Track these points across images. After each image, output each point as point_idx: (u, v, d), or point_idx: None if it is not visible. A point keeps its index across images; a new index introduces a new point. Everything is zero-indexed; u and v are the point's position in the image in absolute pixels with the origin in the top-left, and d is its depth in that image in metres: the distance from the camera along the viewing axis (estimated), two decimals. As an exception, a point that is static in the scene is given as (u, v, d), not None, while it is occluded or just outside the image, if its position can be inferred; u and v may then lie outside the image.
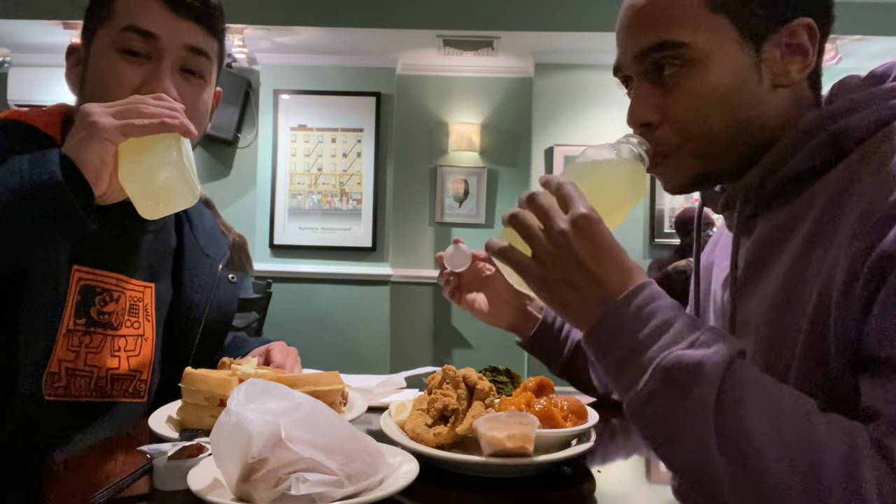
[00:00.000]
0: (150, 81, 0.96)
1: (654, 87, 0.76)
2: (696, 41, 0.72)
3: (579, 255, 0.66)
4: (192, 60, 1.00)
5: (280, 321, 4.12)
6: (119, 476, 0.69)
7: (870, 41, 3.83)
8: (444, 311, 4.75)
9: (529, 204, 0.70)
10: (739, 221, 0.78)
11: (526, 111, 4.57)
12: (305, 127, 4.58)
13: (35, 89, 4.47)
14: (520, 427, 0.76)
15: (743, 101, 0.73)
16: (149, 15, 0.96)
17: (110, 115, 0.83)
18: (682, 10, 0.73)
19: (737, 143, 0.75)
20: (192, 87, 1.01)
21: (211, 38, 1.03)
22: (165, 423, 0.90)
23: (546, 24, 3.91)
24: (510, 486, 0.77)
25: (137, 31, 0.96)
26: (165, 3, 0.97)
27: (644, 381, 0.60)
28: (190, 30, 0.99)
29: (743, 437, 0.56)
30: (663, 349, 0.60)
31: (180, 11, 0.98)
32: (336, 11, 3.98)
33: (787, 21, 0.72)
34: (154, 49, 0.96)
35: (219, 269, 1.18)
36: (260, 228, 4.53)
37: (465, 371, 0.88)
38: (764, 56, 0.73)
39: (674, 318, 0.63)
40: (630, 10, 0.77)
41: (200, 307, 1.13)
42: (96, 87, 0.98)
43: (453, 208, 4.75)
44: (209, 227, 1.22)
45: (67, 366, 0.95)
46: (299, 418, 0.64)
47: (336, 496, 0.61)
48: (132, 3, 0.97)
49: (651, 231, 4.41)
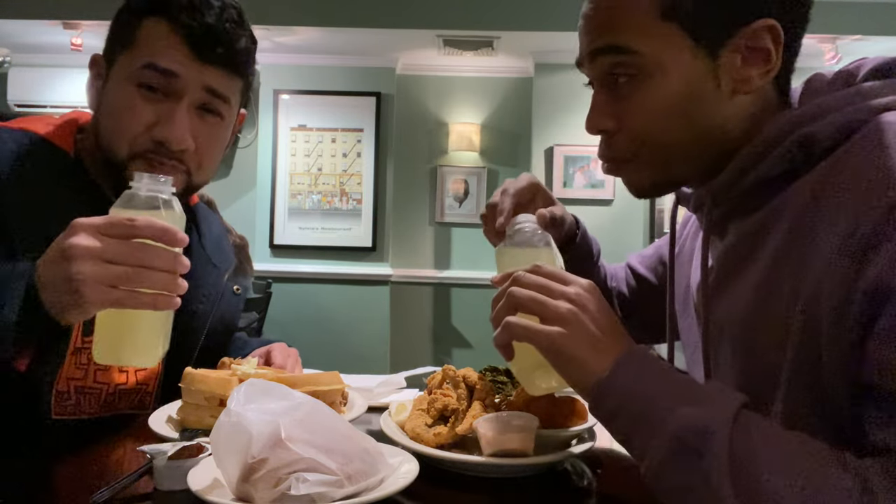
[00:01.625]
0: (165, 123, 0.93)
1: (610, 95, 0.76)
2: (647, 50, 0.71)
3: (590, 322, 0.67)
4: (212, 102, 0.97)
5: (280, 321, 4.11)
6: (119, 476, 0.69)
7: (870, 41, 3.82)
8: (444, 311, 4.75)
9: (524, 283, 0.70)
10: (709, 223, 0.77)
11: (526, 111, 4.57)
12: (305, 127, 4.58)
13: (35, 89, 4.47)
14: (520, 427, 0.76)
15: (699, 109, 0.72)
16: (170, 53, 0.93)
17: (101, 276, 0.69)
18: (632, 17, 0.71)
19: (695, 151, 0.74)
20: (208, 127, 0.98)
21: (235, 79, 1.00)
22: (165, 423, 0.90)
23: (546, 24, 3.91)
24: (510, 486, 0.77)
25: (156, 68, 0.92)
26: (189, 44, 0.93)
27: (655, 448, 0.60)
28: (212, 73, 0.95)
29: (761, 496, 0.54)
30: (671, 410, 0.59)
31: (204, 56, 0.94)
32: (336, 11, 3.98)
33: (745, 24, 0.69)
34: (172, 88, 0.94)
35: (224, 280, 1.17)
36: (260, 228, 4.53)
37: (465, 371, 0.88)
38: (721, 62, 0.70)
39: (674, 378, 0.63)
40: (587, 8, 0.77)
41: (203, 318, 1.11)
42: (112, 115, 0.96)
43: (453, 208, 4.75)
44: (216, 235, 1.21)
45: (76, 384, 0.95)
46: (299, 418, 0.64)
47: (336, 496, 0.61)
48: (155, 36, 0.93)
49: (651, 231, 4.41)
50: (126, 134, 0.93)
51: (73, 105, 4.42)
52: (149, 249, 0.71)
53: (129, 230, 0.70)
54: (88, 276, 0.68)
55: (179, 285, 0.74)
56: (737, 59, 0.70)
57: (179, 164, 0.96)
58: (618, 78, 0.74)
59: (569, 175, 4.40)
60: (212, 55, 0.94)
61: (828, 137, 0.66)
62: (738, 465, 0.56)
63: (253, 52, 1.02)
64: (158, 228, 0.71)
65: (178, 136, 0.93)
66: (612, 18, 0.73)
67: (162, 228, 0.71)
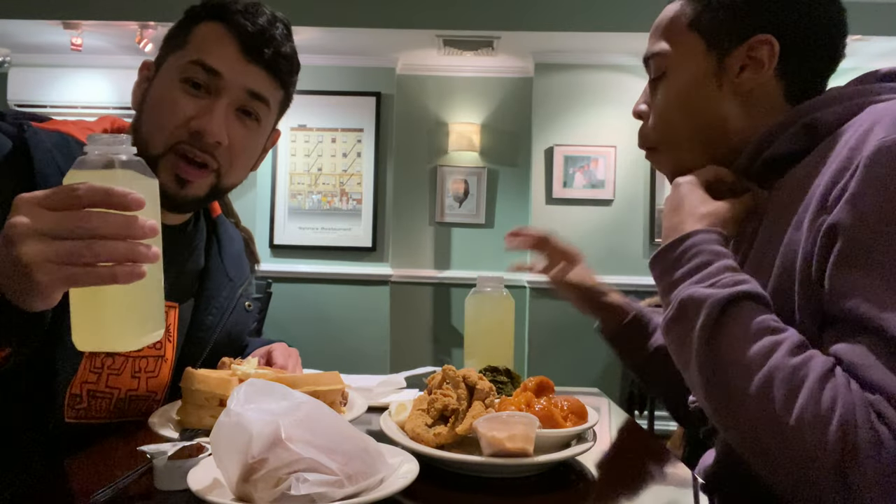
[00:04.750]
0: (203, 116, 0.96)
1: (649, 87, 0.93)
2: (672, 52, 0.88)
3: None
4: (251, 104, 1.00)
5: (280, 321, 4.11)
6: (119, 476, 0.69)
7: (870, 41, 3.82)
8: (444, 311, 4.75)
9: None
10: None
11: (526, 111, 4.57)
12: (305, 127, 4.58)
13: (35, 89, 4.47)
14: (520, 427, 0.76)
15: (699, 103, 0.86)
16: (219, 51, 0.97)
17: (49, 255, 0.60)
18: (672, 27, 0.89)
19: (699, 142, 0.87)
20: (244, 129, 1.01)
21: (276, 87, 1.03)
22: (165, 423, 0.90)
23: (546, 24, 3.91)
24: (510, 486, 0.77)
25: (203, 66, 0.96)
26: (239, 43, 0.97)
27: (669, 309, 0.74)
28: (255, 74, 0.99)
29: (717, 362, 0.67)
30: (689, 286, 0.73)
31: (251, 55, 0.98)
32: (336, 11, 3.97)
33: (749, 37, 0.83)
34: (215, 85, 0.97)
35: (237, 294, 1.17)
36: (260, 228, 4.53)
37: (465, 371, 0.88)
38: (725, 66, 0.84)
39: (710, 262, 0.74)
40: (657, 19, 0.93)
41: (211, 329, 1.11)
42: (154, 110, 0.98)
43: (453, 208, 4.75)
44: (237, 251, 1.22)
45: (89, 388, 0.95)
46: (299, 418, 0.64)
47: (336, 496, 0.61)
48: (208, 37, 0.98)
49: (651, 231, 4.41)
50: (166, 126, 0.96)
51: (73, 105, 4.42)
52: (94, 218, 0.61)
53: (70, 199, 0.61)
54: (34, 257, 0.60)
55: (143, 253, 0.63)
56: (736, 66, 0.84)
57: (212, 159, 0.98)
58: (655, 75, 0.91)
59: (569, 175, 4.39)
60: (258, 55, 0.98)
61: (831, 122, 0.76)
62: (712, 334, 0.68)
63: (296, 66, 1.07)
64: (101, 193, 0.61)
65: (214, 128, 0.95)
66: (661, 28, 0.90)
67: (105, 192, 0.61)
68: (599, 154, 4.39)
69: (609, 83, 4.40)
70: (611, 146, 4.39)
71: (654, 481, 0.85)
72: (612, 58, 4.33)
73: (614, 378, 4.12)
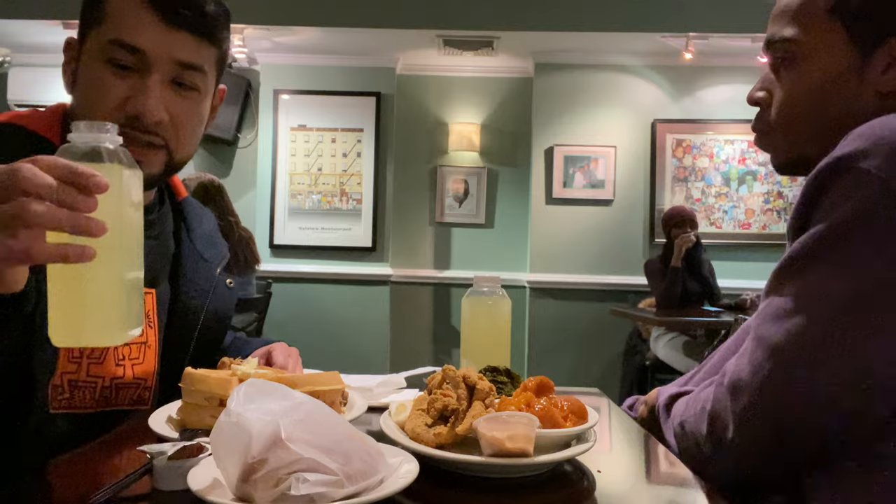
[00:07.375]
0: (137, 97, 0.91)
1: (771, 72, 0.88)
2: (806, 39, 0.82)
3: None
4: (185, 75, 0.95)
5: (280, 321, 4.11)
6: (119, 476, 0.69)
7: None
8: (444, 311, 4.75)
9: None
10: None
11: (526, 111, 4.57)
12: (305, 127, 4.58)
13: (35, 89, 4.47)
14: (520, 427, 0.76)
15: (835, 98, 0.81)
16: (138, 25, 0.90)
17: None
18: (804, 11, 0.83)
19: (823, 134, 0.82)
20: (183, 100, 0.96)
21: (208, 48, 0.97)
22: (165, 423, 0.90)
23: (546, 24, 3.91)
24: (510, 486, 0.77)
25: (123, 45, 0.90)
26: (157, 10, 0.91)
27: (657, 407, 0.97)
28: (182, 42, 0.93)
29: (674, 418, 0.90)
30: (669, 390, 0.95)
31: (173, 21, 0.92)
32: (336, 11, 3.98)
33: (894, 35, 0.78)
34: (142, 63, 0.92)
35: (216, 273, 1.17)
36: (260, 228, 4.53)
37: (465, 371, 0.88)
38: (870, 62, 0.79)
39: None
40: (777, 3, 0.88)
41: (197, 312, 1.12)
42: (84, 95, 0.95)
43: (453, 208, 4.75)
44: (208, 231, 1.20)
45: (70, 377, 0.94)
46: (299, 418, 0.64)
47: (336, 496, 0.61)
48: (124, 8, 0.92)
49: (651, 231, 4.41)
50: (99, 112, 0.91)
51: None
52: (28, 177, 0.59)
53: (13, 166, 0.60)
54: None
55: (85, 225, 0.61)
56: (882, 63, 0.79)
57: (157, 137, 0.94)
58: (780, 59, 0.86)
59: (569, 175, 4.40)
60: (179, 19, 0.92)
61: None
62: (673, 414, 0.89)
63: (223, 20, 0.99)
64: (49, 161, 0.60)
65: (150, 108, 0.91)
66: (789, 12, 0.84)
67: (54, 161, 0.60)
68: (599, 154, 4.40)
69: (609, 83, 4.41)
70: (611, 146, 4.39)
71: (654, 481, 0.85)
72: (612, 58, 4.33)
73: (614, 378, 4.12)
